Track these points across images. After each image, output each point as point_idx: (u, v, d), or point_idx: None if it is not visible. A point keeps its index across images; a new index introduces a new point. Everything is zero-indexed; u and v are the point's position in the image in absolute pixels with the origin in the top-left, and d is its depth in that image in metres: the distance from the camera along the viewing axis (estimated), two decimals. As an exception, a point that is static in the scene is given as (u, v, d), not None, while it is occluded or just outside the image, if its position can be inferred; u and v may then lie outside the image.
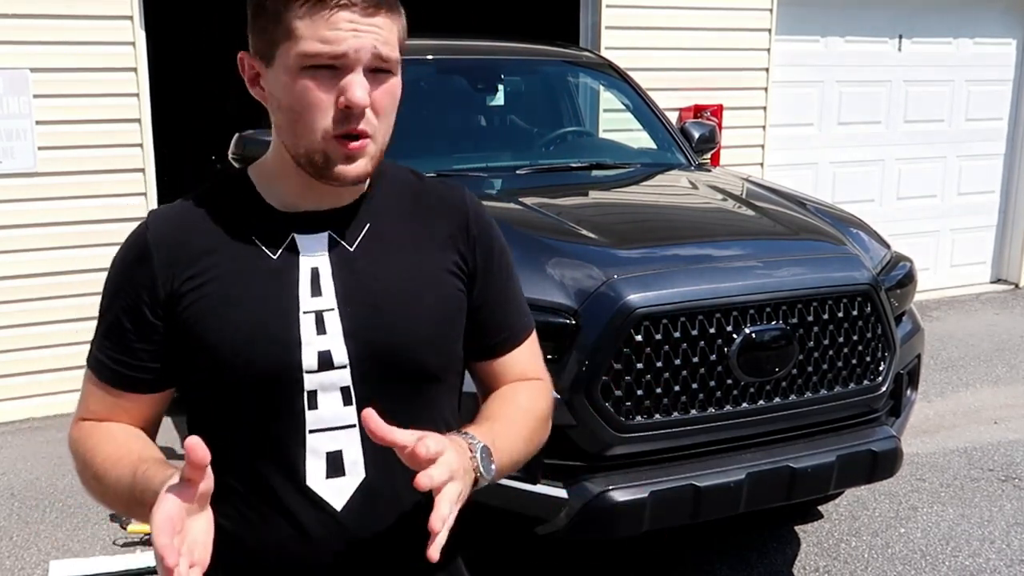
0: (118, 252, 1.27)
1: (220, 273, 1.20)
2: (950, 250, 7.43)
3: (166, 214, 1.26)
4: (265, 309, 1.19)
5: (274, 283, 1.21)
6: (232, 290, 1.20)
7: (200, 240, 1.22)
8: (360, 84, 1.13)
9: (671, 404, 2.66)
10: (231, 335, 1.18)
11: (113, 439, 1.23)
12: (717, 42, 6.10)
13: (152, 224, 1.24)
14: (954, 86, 7.17)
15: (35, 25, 4.51)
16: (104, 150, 4.73)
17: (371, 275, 1.23)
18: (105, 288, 1.27)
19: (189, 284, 1.20)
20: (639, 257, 2.87)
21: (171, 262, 1.21)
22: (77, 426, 1.28)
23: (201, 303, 1.19)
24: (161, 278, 1.20)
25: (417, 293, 1.25)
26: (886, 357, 2.97)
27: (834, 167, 6.88)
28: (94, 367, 1.26)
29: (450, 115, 4.44)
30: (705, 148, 4.46)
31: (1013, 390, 5.26)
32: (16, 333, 4.68)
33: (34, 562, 3.41)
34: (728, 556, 3.44)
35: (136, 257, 1.23)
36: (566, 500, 2.62)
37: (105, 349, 1.24)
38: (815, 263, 2.93)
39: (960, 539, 3.58)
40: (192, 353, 1.21)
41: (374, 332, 1.21)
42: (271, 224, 1.23)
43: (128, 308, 1.22)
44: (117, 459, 1.19)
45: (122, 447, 1.20)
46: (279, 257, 1.22)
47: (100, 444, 1.22)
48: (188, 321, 1.20)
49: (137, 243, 1.24)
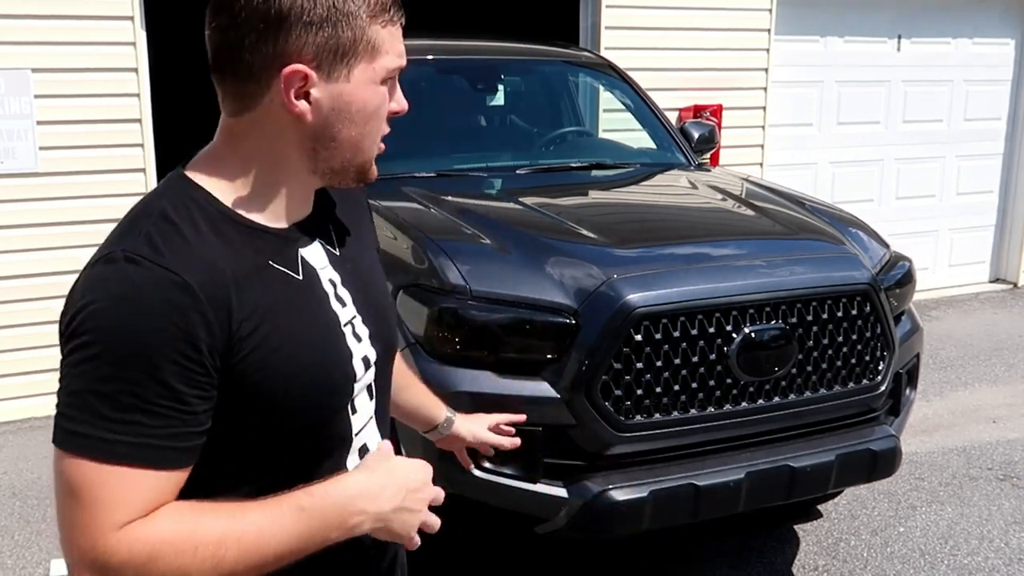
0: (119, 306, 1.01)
1: (265, 310, 1.09)
2: (949, 250, 7.44)
3: (169, 247, 1.04)
4: (320, 335, 1.17)
5: (312, 305, 1.17)
6: (285, 325, 1.11)
7: (229, 275, 1.07)
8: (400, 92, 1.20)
9: (671, 403, 2.67)
10: (300, 372, 1.11)
11: (206, 513, 1.04)
12: (717, 42, 6.10)
13: (172, 263, 1.03)
14: (953, 86, 7.17)
15: (36, 25, 4.51)
16: (105, 150, 4.74)
17: (359, 274, 1.28)
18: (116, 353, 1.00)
19: (245, 328, 1.06)
20: (639, 257, 2.88)
21: (216, 302, 1.04)
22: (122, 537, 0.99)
23: (264, 347, 1.08)
24: (217, 323, 1.03)
25: (379, 280, 1.36)
26: (885, 356, 2.98)
27: (833, 167, 6.89)
28: (130, 455, 1.00)
29: (450, 115, 4.44)
30: (705, 148, 4.47)
31: (1012, 389, 5.27)
32: (16, 333, 4.68)
33: (35, 561, 3.41)
34: (728, 555, 3.45)
35: (180, 306, 1.01)
36: (566, 499, 2.62)
37: (149, 427, 1.00)
38: (814, 263, 2.94)
39: (959, 538, 3.59)
40: (256, 399, 1.08)
41: (385, 328, 1.31)
42: (275, 244, 1.16)
43: (181, 366, 1.01)
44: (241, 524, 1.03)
45: (224, 513, 1.04)
46: (304, 278, 1.17)
47: (201, 527, 1.02)
48: (251, 368, 1.07)
49: (171, 288, 1.02)
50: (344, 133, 1.15)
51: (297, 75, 1.09)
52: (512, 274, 2.78)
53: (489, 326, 2.67)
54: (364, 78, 1.13)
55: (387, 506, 1.13)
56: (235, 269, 1.08)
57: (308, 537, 1.06)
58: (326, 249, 1.23)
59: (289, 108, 1.11)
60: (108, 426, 0.99)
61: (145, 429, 1.00)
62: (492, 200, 3.60)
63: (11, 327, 4.67)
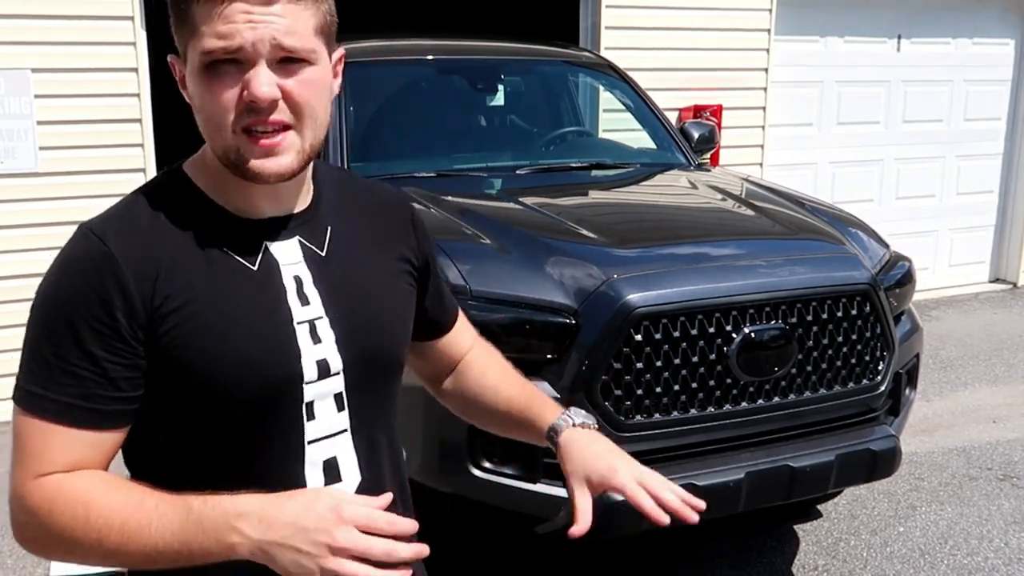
0: (58, 273, 1.10)
1: (203, 290, 1.11)
2: (949, 250, 7.44)
3: (115, 224, 1.11)
4: (262, 324, 1.14)
5: (262, 296, 1.16)
6: (222, 307, 1.12)
7: (166, 252, 1.11)
8: (261, 77, 1.07)
9: (671, 403, 2.67)
10: (232, 354, 1.11)
11: (116, 487, 1.08)
12: (716, 42, 6.10)
13: (106, 236, 1.09)
14: (953, 86, 7.17)
15: (36, 25, 4.51)
16: (105, 150, 4.74)
17: (346, 278, 1.23)
18: (45, 316, 1.09)
19: (171, 302, 1.09)
20: (639, 257, 2.88)
21: (143, 276, 1.08)
22: (41, 484, 1.07)
23: (190, 323, 1.10)
24: (138, 295, 1.08)
25: (386, 293, 1.29)
26: (885, 356, 2.98)
27: (833, 167, 6.89)
28: (51, 410, 1.07)
29: (450, 115, 4.44)
30: (705, 148, 4.48)
31: (1011, 389, 5.27)
32: (17, 333, 4.66)
33: (35, 561, 3.42)
34: (728, 555, 3.45)
35: (101, 273, 1.07)
36: (566, 499, 2.62)
37: (64, 387, 1.07)
38: (814, 263, 2.94)
39: (958, 538, 3.59)
40: (179, 376, 1.11)
41: (362, 336, 1.23)
42: (237, 232, 1.16)
43: (98, 332, 1.07)
44: (136, 507, 1.05)
45: (132, 493, 1.07)
46: (259, 268, 1.16)
47: (102, 496, 1.06)
48: (175, 342, 1.09)
49: (95, 258, 1.08)
50: (199, 120, 1.13)
51: (172, 65, 1.16)
52: (512, 274, 2.78)
53: (489, 326, 2.66)
54: (193, 62, 1.09)
55: (269, 536, 1.02)
56: (178, 248, 1.12)
57: (187, 541, 1.03)
58: (306, 247, 1.21)
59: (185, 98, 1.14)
60: (38, 382, 1.08)
61: (64, 389, 1.07)
62: (492, 200, 3.60)
63: (11, 327, 4.67)
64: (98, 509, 1.05)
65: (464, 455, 2.62)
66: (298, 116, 1.11)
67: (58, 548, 1.08)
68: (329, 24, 1.14)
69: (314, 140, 1.14)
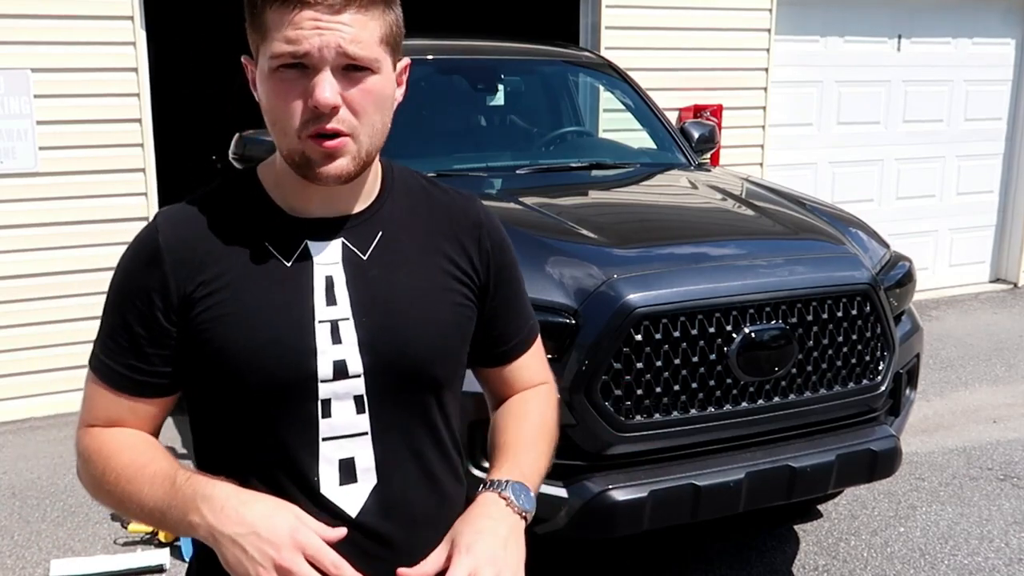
0: (125, 254, 1.24)
1: (233, 279, 1.18)
2: (949, 250, 7.44)
3: (175, 215, 1.22)
4: (280, 317, 1.18)
5: (288, 291, 1.19)
6: (246, 297, 1.18)
7: (211, 244, 1.20)
8: (325, 83, 1.11)
9: (671, 403, 2.67)
10: (246, 343, 1.16)
11: (131, 447, 1.21)
12: (717, 42, 6.10)
13: (162, 226, 1.21)
14: (953, 86, 7.17)
15: (35, 25, 4.51)
16: (105, 150, 4.73)
17: (384, 285, 1.23)
18: (111, 290, 1.23)
19: (203, 289, 1.18)
20: (639, 256, 2.88)
21: (183, 265, 1.18)
22: (87, 433, 1.24)
23: (215, 309, 1.17)
24: (174, 282, 1.18)
25: (428, 304, 1.25)
26: (885, 356, 2.98)
27: (833, 167, 6.89)
28: (101, 371, 1.23)
29: (450, 115, 4.44)
30: (705, 148, 4.47)
31: (1012, 389, 5.27)
32: (16, 333, 4.68)
33: (35, 561, 3.41)
34: (728, 555, 3.45)
35: (147, 260, 1.19)
36: (566, 499, 2.62)
37: (113, 354, 1.21)
38: (814, 263, 2.93)
39: (959, 538, 3.59)
40: (205, 359, 1.19)
41: (389, 343, 1.21)
42: (283, 229, 1.22)
43: (139, 312, 1.19)
44: (139, 468, 1.17)
45: (142, 456, 1.19)
46: (292, 264, 1.20)
47: (117, 453, 1.20)
48: (202, 327, 1.18)
49: (147, 245, 1.20)
50: (268, 121, 1.18)
51: (245, 66, 1.22)
52: (512, 274, 2.78)
53: (489, 326, 2.67)
54: (264, 66, 1.15)
55: (223, 528, 1.08)
56: (222, 239, 1.20)
57: (164, 510, 1.14)
58: (347, 249, 1.22)
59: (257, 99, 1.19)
60: (98, 347, 1.24)
61: (111, 355, 1.22)
62: (492, 200, 3.60)
63: (11, 327, 4.66)
64: (114, 464, 1.19)
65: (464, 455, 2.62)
66: (358, 122, 1.15)
67: (97, 492, 1.23)
68: (395, 34, 1.18)
69: (371, 147, 1.18)
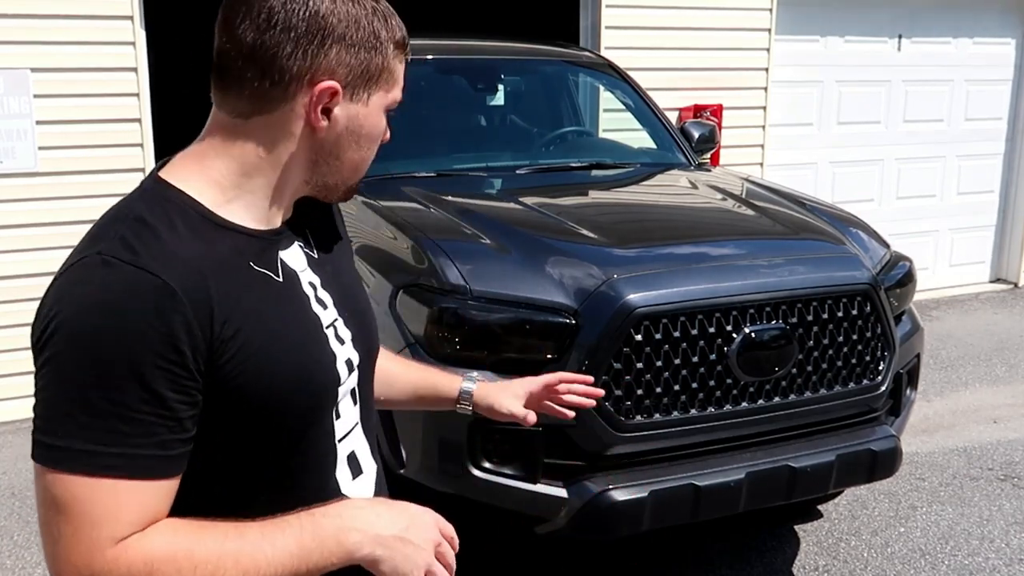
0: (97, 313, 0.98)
1: (248, 309, 1.08)
2: (949, 250, 7.43)
3: (152, 251, 1.02)
4: (300, 335, 1.15)
5: (294, 307, 1.16)
6: (264, 324, 1.09)
7: (210, 277, 1.04)
8: None
9: (671, 404, 2.67)
10: (280, 372, 1.09)
11: (196, 533, 1.02)
12: (717, 42, 6.10)
13: (150, 265, 1.00)
14: (953, 86, 7.17)
15: (35, 25, 4.51)
16: (104, 150, 4.73)
17: (339, 276, 1.28)
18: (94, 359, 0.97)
19: (227, 330, 1.04)
20: (639, 256, 2.88)
21: (200, 306, 1.01)
22: (124, 551, 0.97)
23: (246, 348, 1.06)
24: (198, 327, 1.01)
25: (361, 286, 1.36)
26: (885, 356, 2.97)
27: (833, 167, 6.88)
28: (119, 467, 0.97)
29: (450, 115, 4.44)
30: (705, 148, 4.47)
31: (1012, 389, 5.26)
32: (17, 333, 4.68)
33: (35, 561, 3.41)
34: (728, 555, 3.44)
35: (161, 307, 0.99)
36: (566, 499, 2.62)
37: (129, 438, 0.97)
38: (815, 263, 2.93)
39: (959, 538, 3.59)
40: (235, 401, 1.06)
41: (367, 332, 1.29)
42: (254, 247, 1.13)
43: (165, 372, 0.98)
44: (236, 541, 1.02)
45: (218, 531, 1.03)
46: (283, 279, 1.16)
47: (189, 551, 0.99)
48: (234, 371, 1.05)
49: (152, 290, 0.99)
50: (349, 154, 1.18)
51: (328, 91, 1.11)
52: (512, 274, 2.78)
53: (489, 326, 2.67)
54: (378, 105, 1.17)
55: (386, 531, 1.08)
56: (214, 270, 1.05)
57: (305, 556, 1.04)
58: (305, 252, 1.23)
59: (311, 120, 1.12)
60: (93, 436, 0.96)
61: (131, 439, 0.97)
62: (492, 200, 3.60)
63: (11, 327, 4.66)
64: (204, 555, 0.99)
65: (464, 455, 2.62)
66: None
67: None
68: None
69: None
